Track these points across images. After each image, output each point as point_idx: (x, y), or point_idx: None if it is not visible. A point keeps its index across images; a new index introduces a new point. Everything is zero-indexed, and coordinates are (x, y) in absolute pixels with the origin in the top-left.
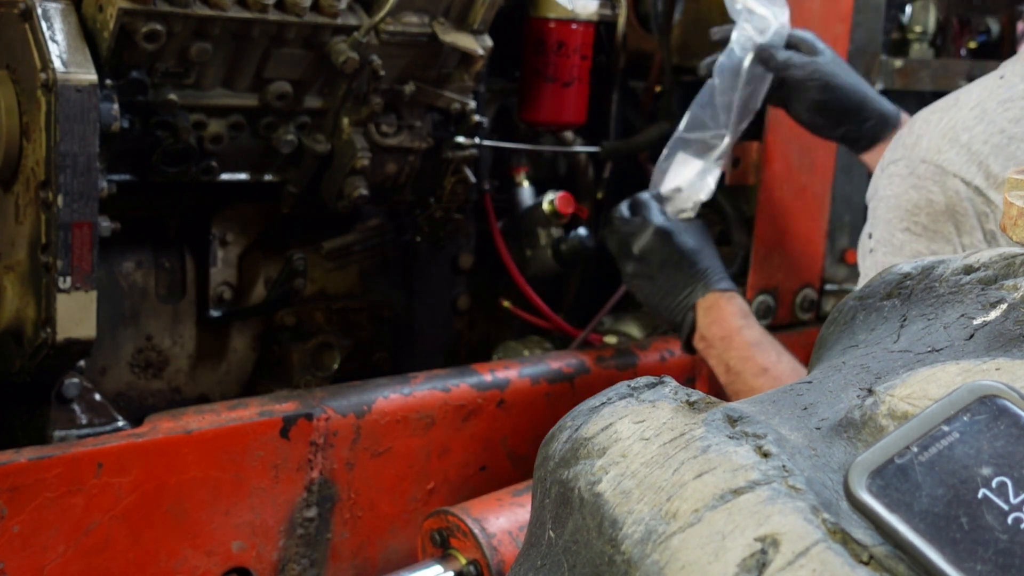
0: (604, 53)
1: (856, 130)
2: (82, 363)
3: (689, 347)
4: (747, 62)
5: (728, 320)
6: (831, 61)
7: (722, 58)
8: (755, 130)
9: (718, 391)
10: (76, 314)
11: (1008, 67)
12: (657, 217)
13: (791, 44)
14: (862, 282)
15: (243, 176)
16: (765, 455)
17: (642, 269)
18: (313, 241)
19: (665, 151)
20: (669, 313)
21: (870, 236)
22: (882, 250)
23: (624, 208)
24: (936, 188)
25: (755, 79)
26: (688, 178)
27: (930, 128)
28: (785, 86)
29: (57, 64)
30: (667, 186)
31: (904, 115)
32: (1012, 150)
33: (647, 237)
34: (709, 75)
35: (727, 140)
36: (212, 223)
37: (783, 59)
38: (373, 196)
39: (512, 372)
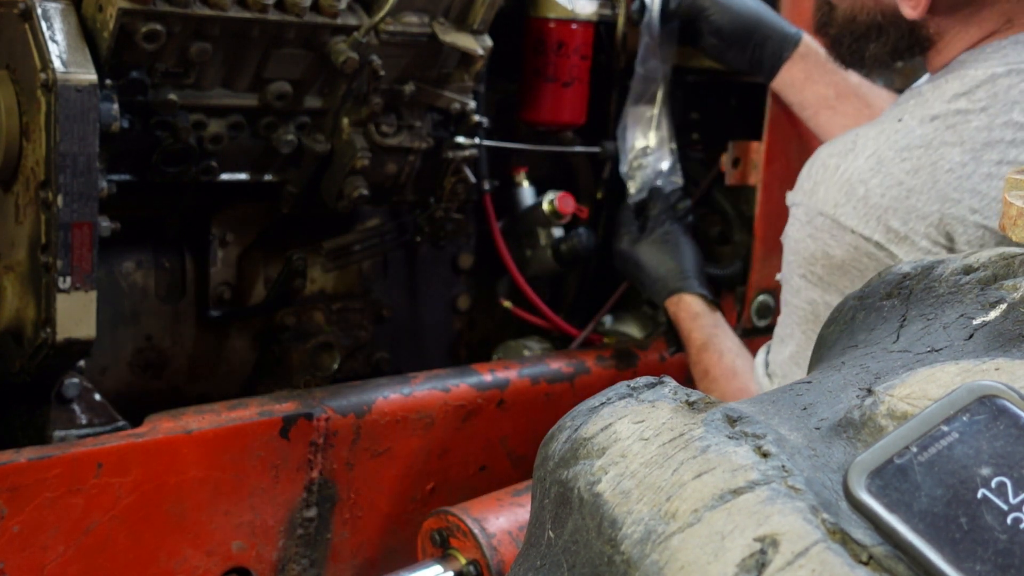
0: (604, 53)
1: (758, 52)
2: (82, 363)
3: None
4: (655, 14)
5: (681, 324)
6: None
7: (645, 19)
8: (755, 130)
9: None
10: (76, 314)
11: (907, 106)
12: (621, 239)
13: None
14: (782, 312)
15: (243, 176)
16: (764, 455)
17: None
18: (313, 241)
19: (620, 123)
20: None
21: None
22: (785, 286)
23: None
24: (833, 242)
25: (670, 30)
26: (644, 133)
27: (827, 176)
28: (690, 23)
29: (57, 64)
30: (629, 148)
31: (806, 36)
32: (912, 203)
33: (617, 254)
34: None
35: (660, 86)
36: (212, 223)
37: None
38: (373, 196)
39: (512, 372)
